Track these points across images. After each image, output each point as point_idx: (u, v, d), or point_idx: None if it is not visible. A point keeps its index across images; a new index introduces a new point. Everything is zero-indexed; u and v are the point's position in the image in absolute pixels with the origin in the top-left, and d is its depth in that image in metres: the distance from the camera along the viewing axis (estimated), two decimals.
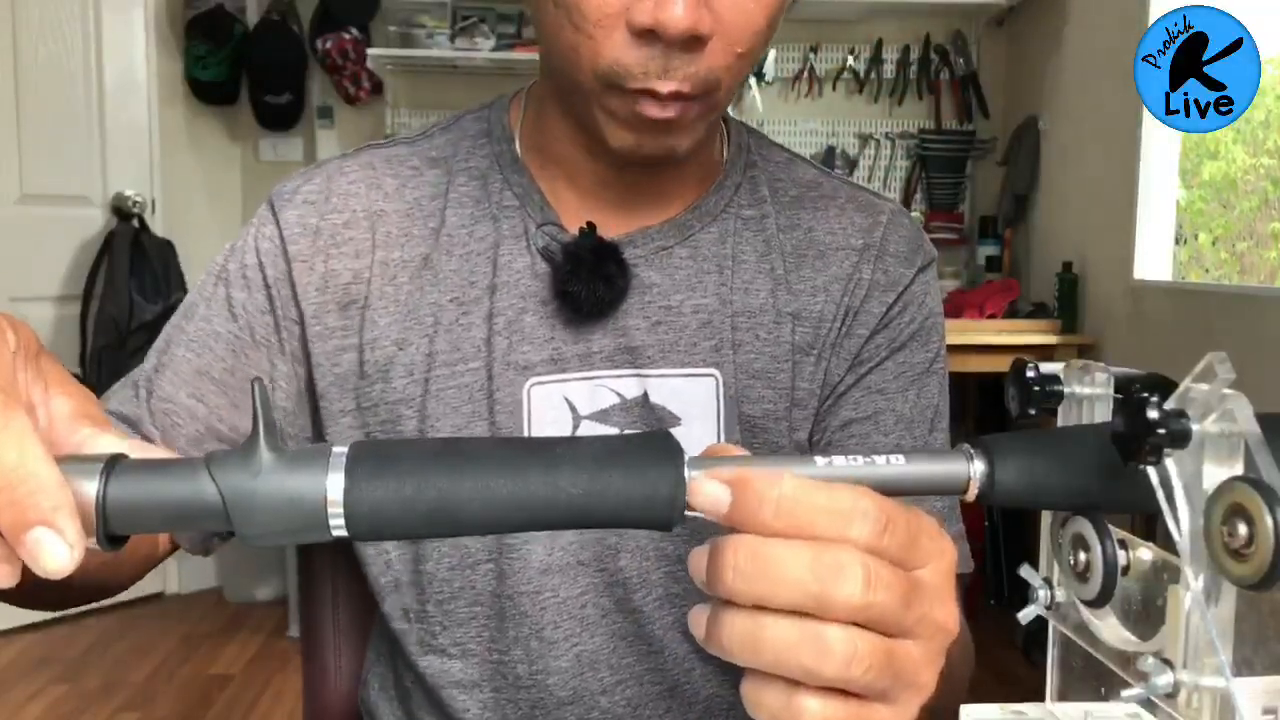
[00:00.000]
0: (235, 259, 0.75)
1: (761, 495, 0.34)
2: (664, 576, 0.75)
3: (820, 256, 0.77)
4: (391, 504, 0.34)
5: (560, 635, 0.74)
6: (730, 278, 0.75)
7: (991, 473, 0.36)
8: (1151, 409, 0.32)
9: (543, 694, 0.74)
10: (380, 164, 0.76)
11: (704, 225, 0.76)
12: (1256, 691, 0.30)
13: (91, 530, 0.34)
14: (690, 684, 0.77)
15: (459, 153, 0.77)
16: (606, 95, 0.65)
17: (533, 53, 3.23)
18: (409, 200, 0.75)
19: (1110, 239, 2.72)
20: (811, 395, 0.76)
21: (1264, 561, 0.29)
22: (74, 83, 3.08)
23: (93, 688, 2.69)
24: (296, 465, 0.34)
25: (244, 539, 0.35)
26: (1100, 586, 0.35)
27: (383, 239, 0.73)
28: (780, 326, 0.75)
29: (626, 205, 0.75)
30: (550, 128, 0.74)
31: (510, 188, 0.75)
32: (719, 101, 0.67)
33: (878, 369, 0.76)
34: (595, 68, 0.63)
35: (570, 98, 0.69)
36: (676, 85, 0.63)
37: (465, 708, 0.76)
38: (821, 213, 0.78)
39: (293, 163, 3.50)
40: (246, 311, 0.73)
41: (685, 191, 0.76)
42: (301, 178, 0.76)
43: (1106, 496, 0.36)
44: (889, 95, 3.43)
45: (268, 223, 0.75)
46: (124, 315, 3.03)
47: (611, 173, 0.74)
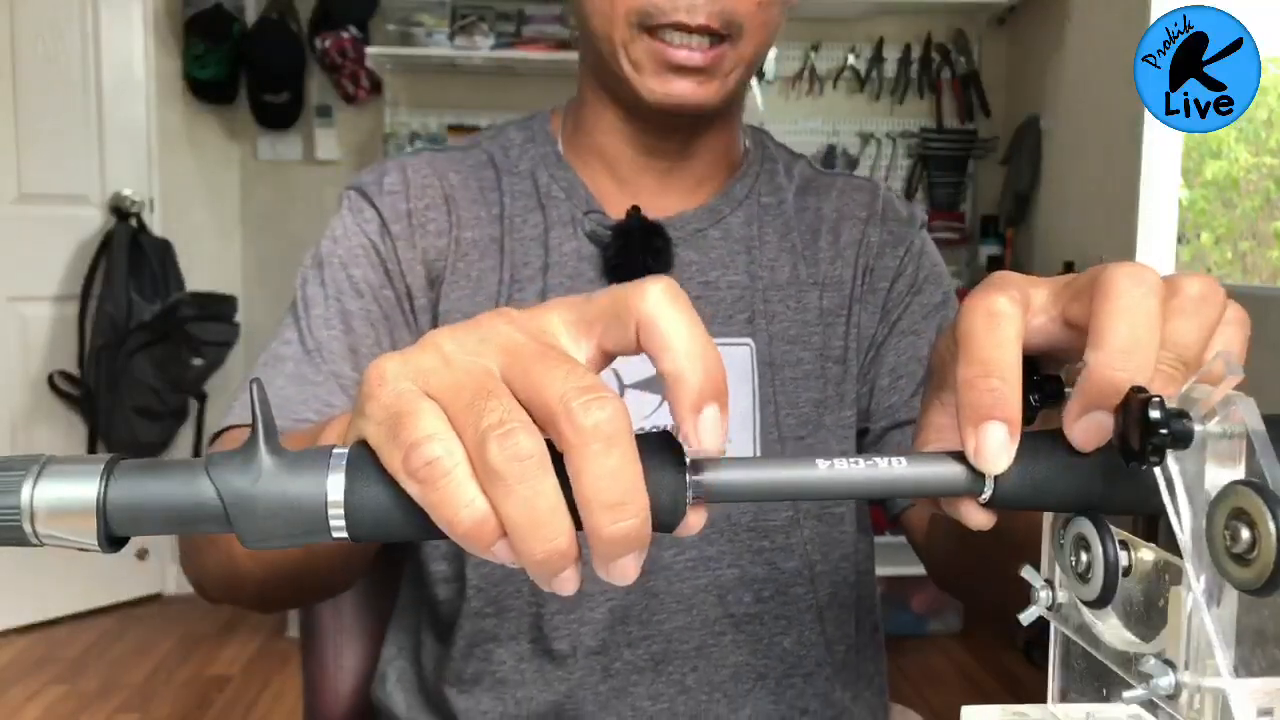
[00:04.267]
0: (341, 246, 0.79)
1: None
2: (698, 539, 0.78)
3: (832, 229, 0.85)
4: (392, 505, 0.34)
5: (598, 588, 0.77)
6: (758, 256, 0.83)
7: (995, 476, 0.35)
8: (1153, 408, 0.32)
9: (575, 643, 0.78)
10: (441, 161, 0.83)
11: (732, 210, 0.84)
12: (1255, 693, 0.30)
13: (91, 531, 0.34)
14: (719, 647, 0.80)
15: (509, 158, 0.84)
16: (636, 43, 0.73)
17: (532, 51, 3.25)
18: (473, 189, 0.82)
19: (1112, 238, 2.72)
20: (847, 350, 0.83)
21: (1266, 567, 0.29)
22: (72, 82, 3.08)
23: (91, 688, 2.69)
24: (296, 467, 0.34)
25: (245, 542, 0.34)
26: (1101, 587, 0.35)
27: (457, 220, 0.81)
28: (807, 295, 0.83)
29: (662, 192, 0.83)
30: (590, 125, 0.83)
31: (556, 182, 0.83)
32: (745, 54, 0.75)
33: (905, 314, 0.84)
34: (628, 9, 0.72)
35: (606, 65, 0.77)
36: (704, 20, 0.71)
37: (502, 660, 0.79)
38: (825, 196, 0.87)
39: (291, 162, 3.50)
40: (371, 287, 0.78)
41: (713, 180, 0.85)
42: (376, 172, 0.82)
43: (1108, 497, 0.35)
44: (890, 94, 3.43)
45: (365, 208, 0.80)
46: (122, 315, 3.03)
47: (648, 161, 0.82)
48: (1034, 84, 3.22)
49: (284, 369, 0.75)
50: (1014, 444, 0.35)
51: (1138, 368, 0.34)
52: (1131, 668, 0.34)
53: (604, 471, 0.31)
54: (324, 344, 0.76)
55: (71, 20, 3.06)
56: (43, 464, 0.34)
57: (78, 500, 0.33)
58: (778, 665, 0.81)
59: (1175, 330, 0.36)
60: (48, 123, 3.03)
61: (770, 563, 0.80)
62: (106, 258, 3.08)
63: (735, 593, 0.80)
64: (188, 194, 3.42)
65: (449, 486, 0.32)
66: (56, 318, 3.09)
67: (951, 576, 0.79)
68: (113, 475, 0.34)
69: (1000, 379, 0.35)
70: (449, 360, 0.34)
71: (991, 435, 0.35)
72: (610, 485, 0.31)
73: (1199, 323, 0.37)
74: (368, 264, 0.78)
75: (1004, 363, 0.36)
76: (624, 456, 0.32)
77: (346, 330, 0.77)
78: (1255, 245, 3.42)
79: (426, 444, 0.32)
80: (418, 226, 0.80)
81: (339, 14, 3.33)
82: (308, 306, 0.78)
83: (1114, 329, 0.35)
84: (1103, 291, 0.36)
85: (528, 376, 0.33)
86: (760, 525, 0.80)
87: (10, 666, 2.82)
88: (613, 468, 0.31)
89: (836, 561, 0.83)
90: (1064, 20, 3.01)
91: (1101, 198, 2.79)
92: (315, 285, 0.78)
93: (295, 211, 3.45)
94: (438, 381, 0.34)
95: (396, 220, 0.79)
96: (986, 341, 0.36)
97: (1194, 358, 0.37)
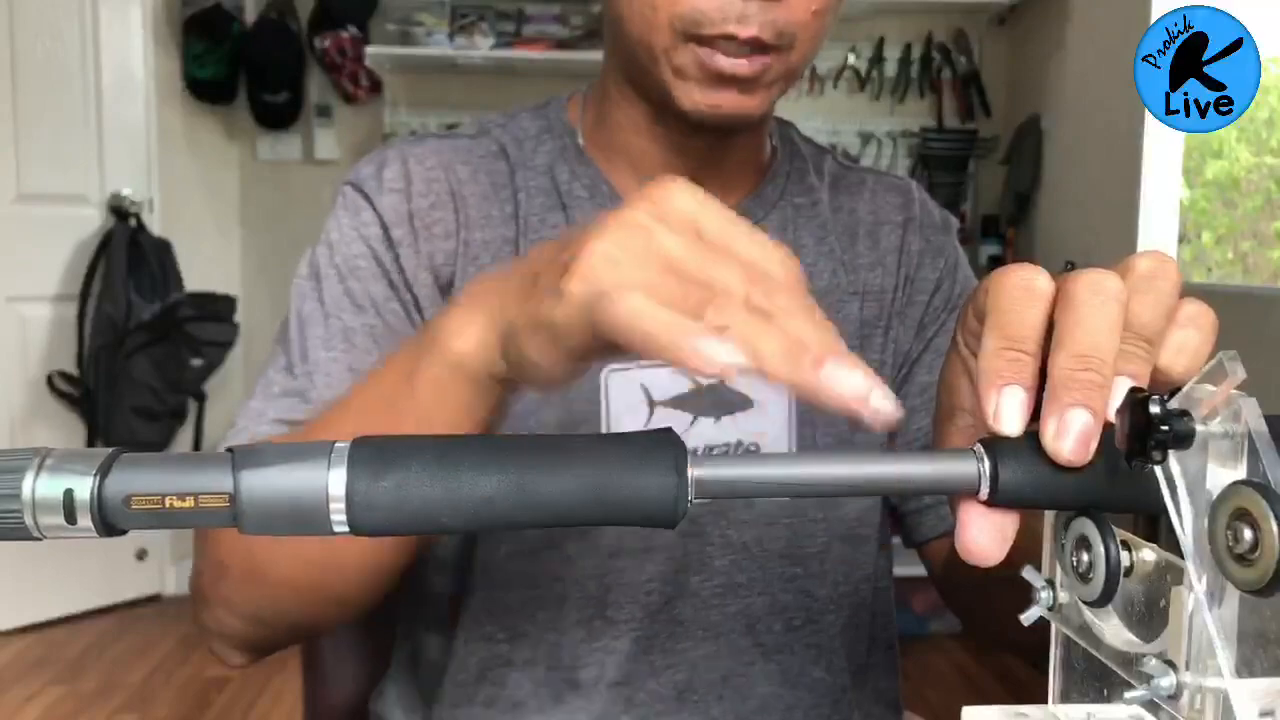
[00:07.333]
0: (340, 253, 0.73)
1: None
2: (728, 565, 0.75)
3: (870, 234, 0.81)
4: (393, 500, 0.34)
5: (622, 617, 0.74)
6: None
7: (995, 474, 0.35)
8: (1154, 405, 0.32)
9: (600, 673, 0.74)
10: (448, 151, 0.76)
11: (765, 214, 0.79)
12: (1256, 693, 0.30)
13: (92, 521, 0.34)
14: (746, 677, 0.77)
15: (523, 150, 0.77)
16: (680, 51, 0.66)
17: (532, 51, 3.25)
18: (484, 184, 0.75)
19: (1113, 238, 2.72)
20: (883, 365, 0.79)
21: (1269, 567, 0.28)
22: (71, 81, 3.08)
23: (90, 689, 2.69)
24: (297, 460, 0.34)
25: (243, 530, 0.34)
26: (1102, 587, 0.34)
27: (465, 221, 0.74)
28: (847, 305, 0.79)
29: None
30: (616, 121, 0.76)
31: (578, 179, 0.76)
32: (793, 64, 0.69)
33: (941, 331, 0.80)
34: (674, 15, 0.65)
35: (642, 71, 0.70)
36: (755, 31, 0.65)
37: (519, 683, 0.75)
38: (858, 196, 0.82)
39: (291, 162, 3.50)
40: (374, 301, 0.72)
41: (745, 181, 0.79)
42: (374, 164, 0.75)
43: (1109, 497, 0.35)
44: (891, 94, 3.43)
45: (364, 210, 0.73)
46: (121, 315, 3.03)
47: (677, 162, 0.75)
48: (1034, 84, 3.22)
49: (272, 395, 0.70)
50: (1029, 410, 0.36)
51: (1100, 363, 0.36)
52: (1132, 668, 0.34)
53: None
54: (319, 367, 0.69)
55: (71, 20, 3.06)
56: (43, 457, 0.34)
57: (77, 489, 0.33)
58: (807, 696, 0.78)
59: (1130, 311, 0.38)
60: (47, 123, 3.03)
61: (803, 590, 0.77)
62: (106, 258, 3.07)
63: (765, 621, 0.77)
64: (187, 194, 3.42)
65: None
66: (55, 318, 3.08)
67: (965, 612, 0.77)
68: (112, 465, 0.34)
69: (1026, 353, 0.37)
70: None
71: (1011, 395, 0.36)
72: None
73: (1153, 299, 0.39)
74: (369, 275, 0.72)
75: (1032, 339, 0.38)
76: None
77: (348, 349, 0.70)
78: (1256, 245, 3.41)
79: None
80: (422, 230, 0.73)
81: (339, 13, 3.33)
82: (304, 325, 0.71)
83: (1071, 335, 0.36)
84: (1065, 300, 0.38)
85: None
86: (793, 553, 0.76)
87: (10, 666, 2.81)
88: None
89: (857, 583, 0.80)
90: (1064, 20, 3.01)
91: (1102, 198, 2.79)
92: (312, 301, 0.72)
93: (295, 211, 3.45)
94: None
95: (398, 224, 0.72)
96: (1016, 319, 0.38)
97: (1155, 334, 0.38)
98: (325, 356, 0.70)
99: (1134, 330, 0.38)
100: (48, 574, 2.99)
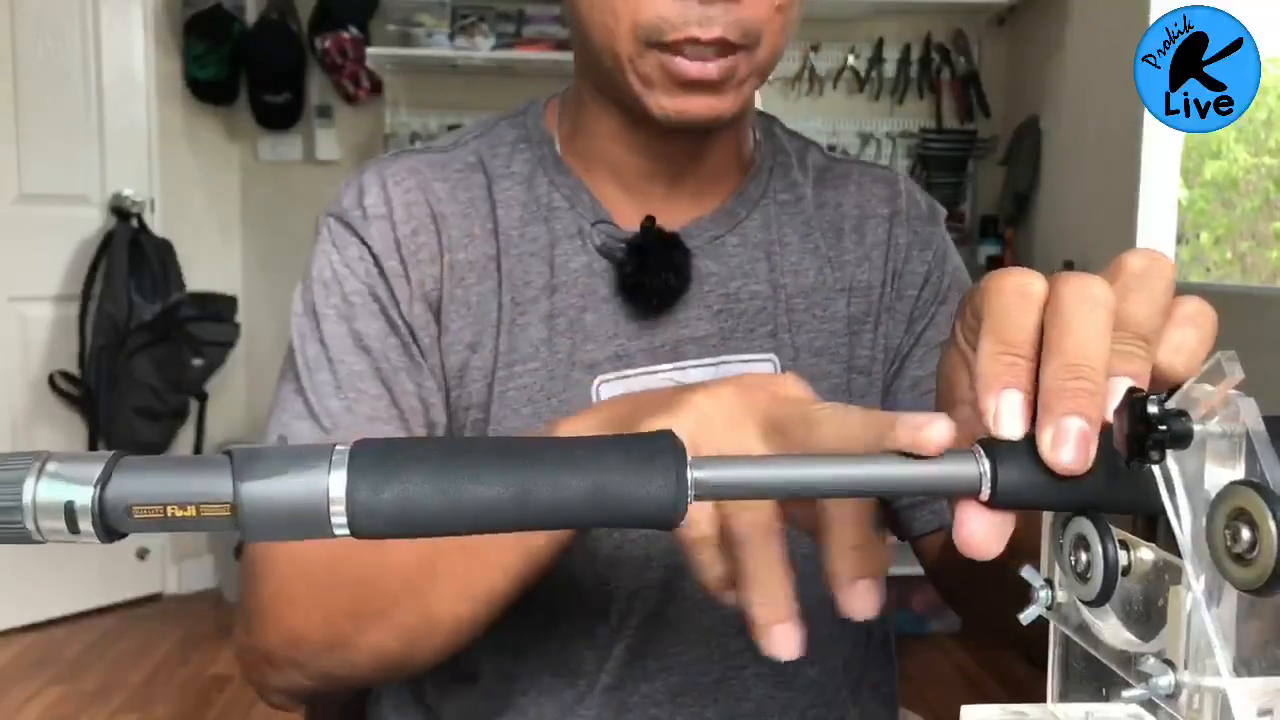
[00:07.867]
0: (334, 292, 0.71)
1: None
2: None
3: (856, 229, 0.80)
4: (394, 503, 0.34)
5: (617, 622, 0.74)
6: (779, 262, 0.77)
7: (995, 475, 0.35)
8: (1152, 404, 0.32)
9: (593, 680, 0.74)
10: (425, 168, 0.74)
11: (748, 213, 0.78)
12: (1254, 692, 0.30)
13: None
14: (740, 680, 0.76)
15: (498, 158, 0.76)
16: (645, 58, 0.66)
17: (532, 51, 3.25)
18: (462, 202, 0.74)
19: (1112, 238, 2.71)
20: (873, 361, 0.78)
21: (1267, 566, 0.29)
22: (72, 82, 3.08)
23: (91, 689, 2.69)
24: (298, 463, 0.34)
25: (245, 538, 0.34)
26: (1101, 587, 0.35)
27: (448, 243, 0.73)
28: (834, 302, 0.78)
29: (672, 199, 0.76)
30: (592, 128, 0.75)
31: (557, 189, 0.75)
32: (761, 61, 0.68)
33: (931, 324, 0.79)
34: (636, 23, 0.65)
35: (610, 79, 0.69)
36: (720, 32, 0.64)
37: (513, 688, 0.75)
38: (844, 189, 0.81)
39: (291, 162, 3.50)
40: (378, 340, 0.70)
41: (725, 181, 0.78)
42: (353, 191, 0.73)
43: (1108, 498, 0.35)
44: (890, 94, 3.43)
45: (350, 243, 0.72)
46: (123, 315, 3.03)
47: (656, 166, 0.75)
48: (1034, 84, 3.22)
49: (287, 422, 0.69)
50: (1028, 414, 0.36)
51: (1091, 370, 0.36)
52: (1131, 667, 0.34)
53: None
54: (337, 418, 0.69)
55: (71, 20, 3.06)
56: (42, 463, 0.34)
57: (80, 493, 0.33)
58: (801, 697, 0.78)
59: (1124, 310, 0.38)
60: (48, 123, 3.03)
61: (796, 591, 0.78)
62: (107, 258, 3.08)
63: None
64: (188, 194, 3.42)
65: None
66: (57, 318, 3.09)
67: (962, 605, 0.77)
68: (114, 469, 0.34)
69: (1023, 357, 0.37)
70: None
71: (1009, 399, 0.37)
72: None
73: (1146, 297, 0.39)
74: (367, 314, 0.70)
75: (1028, 343, 0.38)
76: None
77: (359, 396, 0.69)
78: (1255, 245, 3.41)
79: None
80: (409, 257, 0.71)
81: (339, 14, 3.33)
82: (311, 371, 0.70)
83: (1060, 344, 0.36)
84: (1053, 309, 0.38)
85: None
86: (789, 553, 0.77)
87: (10, 666, 2.81)
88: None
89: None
90: (1064, 20, 3.01)
91: (1101, 198, 2.79)
92: (313, 343, 0.70)
93: (295, 212, 3.45)
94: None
95: (389, 255, 0.71)
96: (1012, 324, 0.38)
97: (1150, 331, 0.38)
98: (339, 406, 0.69)
99: (1129, 329, 0.38)
100: (48, 574, 2.99)
